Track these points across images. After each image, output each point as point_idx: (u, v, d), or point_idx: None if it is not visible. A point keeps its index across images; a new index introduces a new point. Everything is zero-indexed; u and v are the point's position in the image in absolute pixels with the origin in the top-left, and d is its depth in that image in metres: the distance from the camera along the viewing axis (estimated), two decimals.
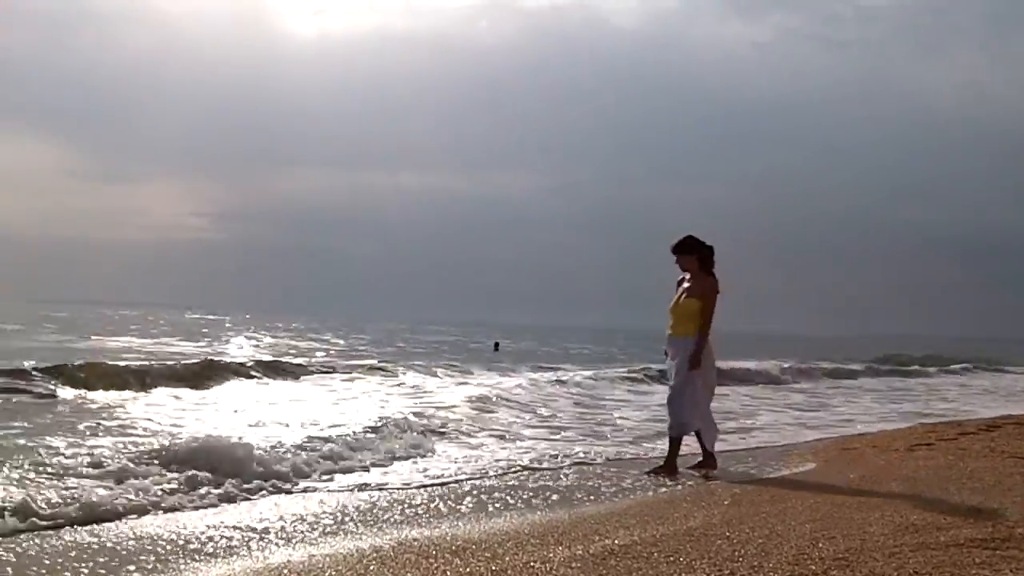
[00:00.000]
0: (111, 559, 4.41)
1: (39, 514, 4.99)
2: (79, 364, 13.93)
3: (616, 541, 4.73)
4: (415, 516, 5.59)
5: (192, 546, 4.70)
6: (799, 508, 5.70)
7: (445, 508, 5.87)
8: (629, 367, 20.88)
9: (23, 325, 40.09)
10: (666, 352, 7.83)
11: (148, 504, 5.49)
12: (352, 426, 9.02)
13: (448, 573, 4.14)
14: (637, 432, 10.44)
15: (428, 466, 7.59)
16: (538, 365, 21.83)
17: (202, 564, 4.41)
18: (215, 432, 7.90)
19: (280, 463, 6.79)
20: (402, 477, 7.05)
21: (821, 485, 6.83)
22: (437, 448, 8.54)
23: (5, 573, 4.12)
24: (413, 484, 6.75)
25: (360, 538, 4.94)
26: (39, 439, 7.45)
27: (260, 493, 6.15)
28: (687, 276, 7.73)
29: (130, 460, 6.44)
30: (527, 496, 6.40)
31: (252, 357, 20.03)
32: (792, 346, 49.65)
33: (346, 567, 4.27)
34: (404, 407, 11.47)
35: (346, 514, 5.59)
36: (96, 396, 11.72)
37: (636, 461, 8.20)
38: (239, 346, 32.67)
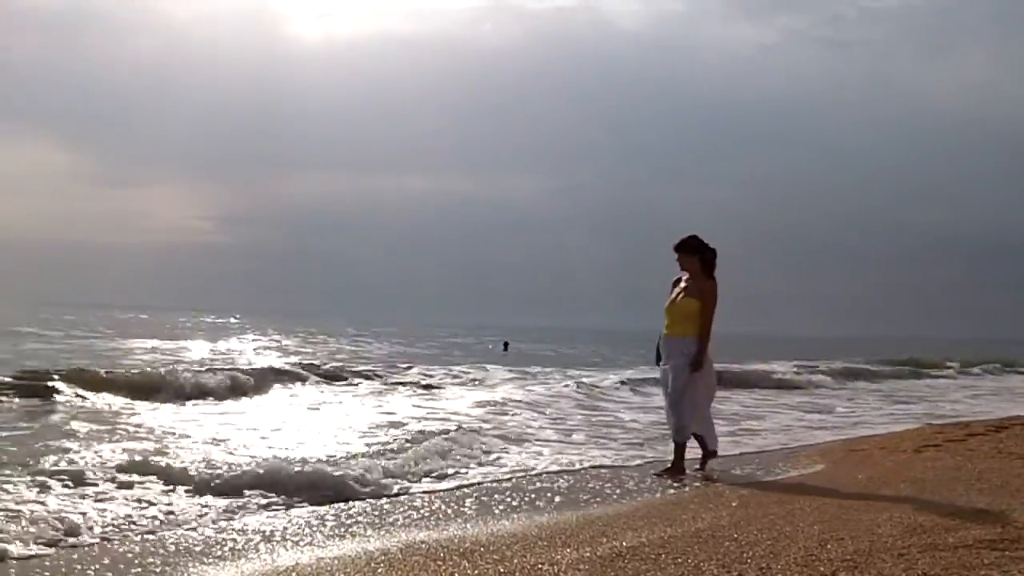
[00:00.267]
0: None
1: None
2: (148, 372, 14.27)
3: (624, 543, 4.73)
4: (449, 516, 5.60)
5: (198, 548, 4.72)
6: (807, 510, 5.69)
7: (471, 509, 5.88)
8: (636, 368, 20.92)
9: (47, 328, 40.04)
10: (658, 353, 7.74)
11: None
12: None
13: (456, 575, 4.14)
14: (645, 434, 10.42)
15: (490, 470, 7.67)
16: (548, 369, 21.66)
17: (210, 568, 4.42)
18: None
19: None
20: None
21: (829, 486, 6.81)
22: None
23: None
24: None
25: (367, 540, 4.95)
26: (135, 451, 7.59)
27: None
28: (685, 277, 7.63)
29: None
30: (531, 498, 6.41)
31: (309, 364, 19.59)
32: (799, 348, 49.51)
33: (354, 569, 4.28)
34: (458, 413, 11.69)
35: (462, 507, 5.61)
36: (187, 411, 11.78)
37: (643, 463, 8.19)
38: (283, 351, 31.29)
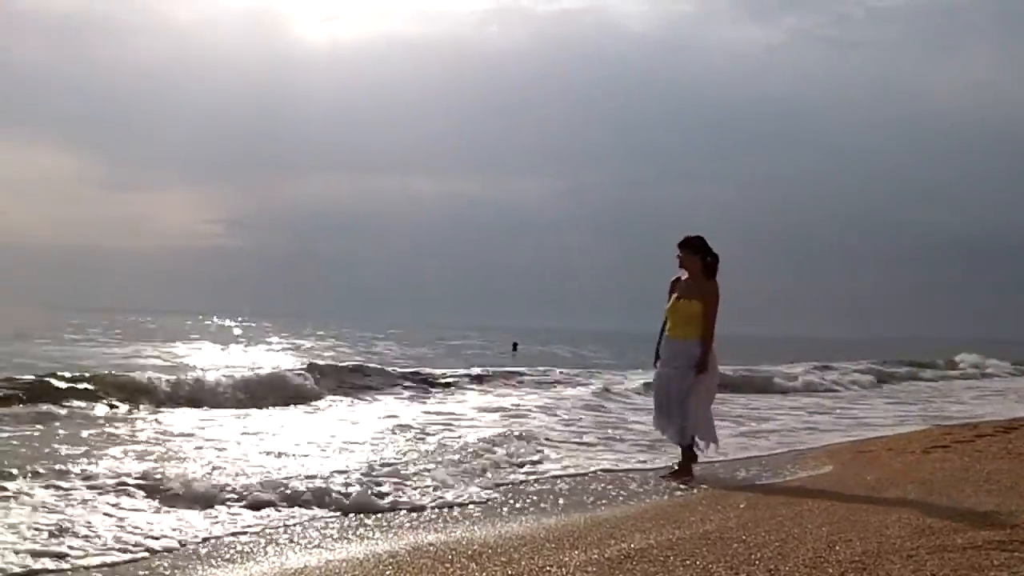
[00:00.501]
0: None
1: None
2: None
3: (632, 545, 4.73)
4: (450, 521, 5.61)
5: (203, 550, 4.74)
6: (815, 511, 5.68)
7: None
8: (645, 370, 20.88)
9: (81, 332, 40.13)
10: (657, 355, 7.68)
11: None
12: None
13: None
14: (653, 436, 10.39)
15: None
16: (559, 371, 21.48)
17: (219, 570, 4.43)
18: None
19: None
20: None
21: (837, 488, 6.80)
22: None
23: None
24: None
25: (375, 543, 4.95)
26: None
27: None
28: (684, 276, 7.58)
29: None
30: (538, 500, 6.41)
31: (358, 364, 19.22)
32: (803, 348, 49.37)
33: (362, 572, 4.29)
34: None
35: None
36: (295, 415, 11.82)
37: (652, 465, 8.17)
38: (313, 355, 30.97)
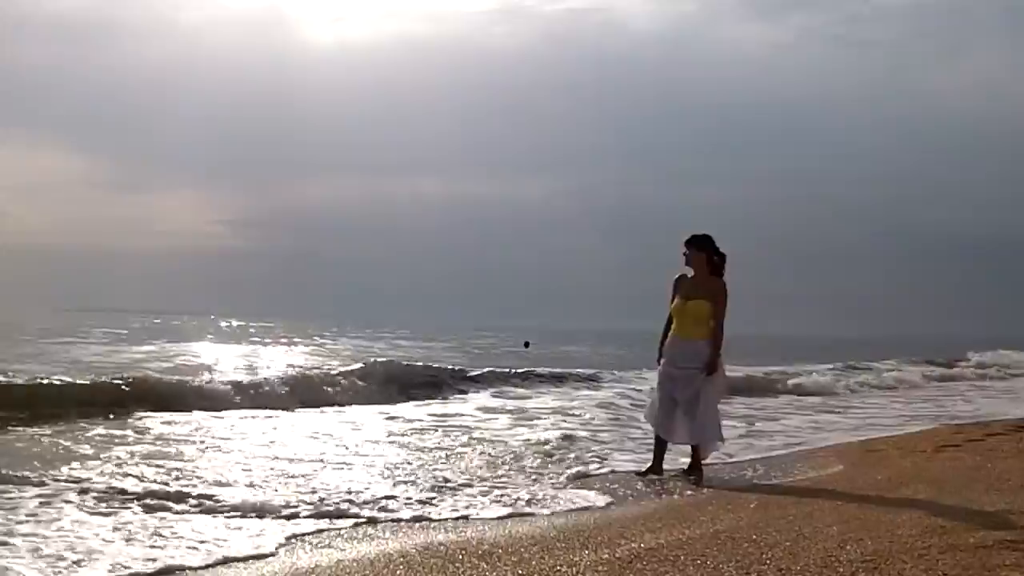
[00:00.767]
0: None
1: None
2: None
3: (642, 544, 4.73)
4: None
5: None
6: (826, 511, 5.67)
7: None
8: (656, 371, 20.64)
9: (123, 332, 40.17)
10: (660, 354, 7.62)
11: None
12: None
13: None
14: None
15: None
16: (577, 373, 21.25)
17: (229, 569, 4.45)
18: None
19: None
20: None
21: (847, 487, 6.79)
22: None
23: None
24: None
25: (385, 543, 4.96)
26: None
27: None
28: (689, 275, 7.53)
29: None
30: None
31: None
32: (809, 348, 49.07)
33: (373, 571, 4.30)
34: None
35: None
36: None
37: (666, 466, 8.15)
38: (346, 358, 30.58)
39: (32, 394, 10.99)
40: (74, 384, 11.94)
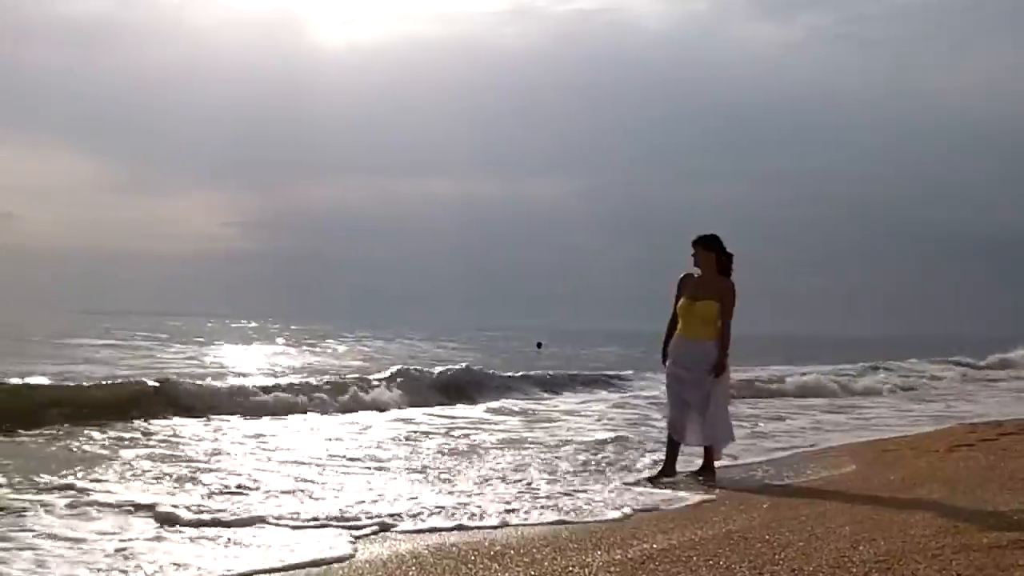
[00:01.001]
0: None
1: None
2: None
3: (655, 545, 4.73)
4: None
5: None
6: (838, 511, 5.66)
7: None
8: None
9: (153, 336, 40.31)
10: (665, 354, 7.56)
11: None
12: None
13: None
14: None
15: None
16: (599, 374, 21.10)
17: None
18: None
19: None
20: None
21: (860, 487, 6.77)
22: None
23: None
24: None
25: (398, 543, 4.97)
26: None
27: None
28: (696, 275, 7.45)
29: None
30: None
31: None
32: (819, 347, 48.95)
33: (385, 572, 4.31)
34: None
35: None
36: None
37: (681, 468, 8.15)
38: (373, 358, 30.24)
39: (92, 397, 11.06)
40: (124, 385, 12.07)
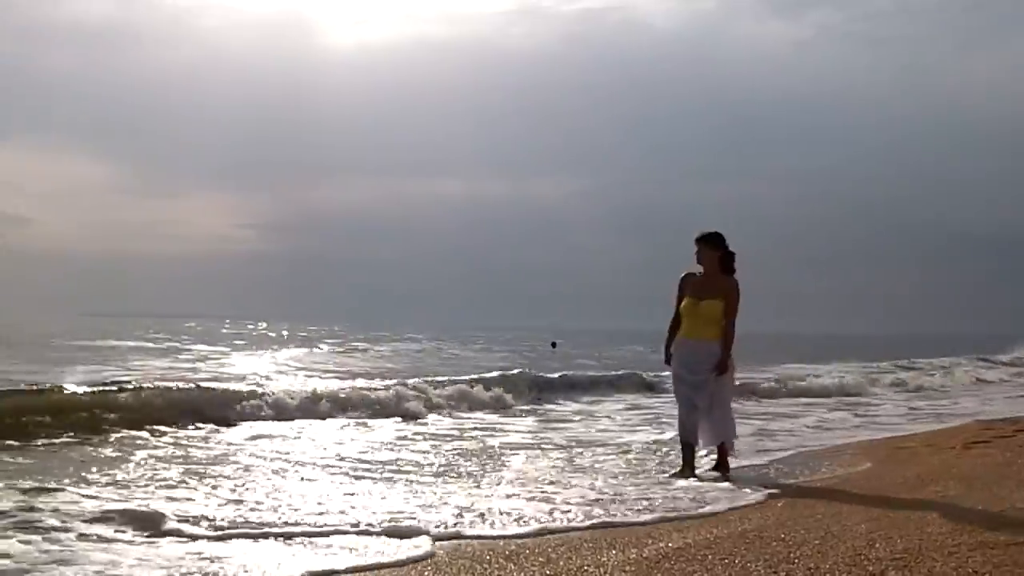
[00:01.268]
0: None
1: None
2: None
3: (670, 544, 4.73)
4: None
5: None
6: (854, 508, 5.64)
7: None
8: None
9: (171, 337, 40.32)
10: (667, 355, 7.51)
11: None
12: None
13: None
14: None
15: None
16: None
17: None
18: None
19: None
20: None
21: (876, 485, 6.75)
22: None
23: None
24: None
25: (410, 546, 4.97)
26: None
27: None
28: (699, 274, 7.39)
29: None
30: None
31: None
32: (829, 346, 48.62)
33: (400, 573, 4.32)
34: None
35: None
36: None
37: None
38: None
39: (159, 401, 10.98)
40: (191, 391, 11.88)
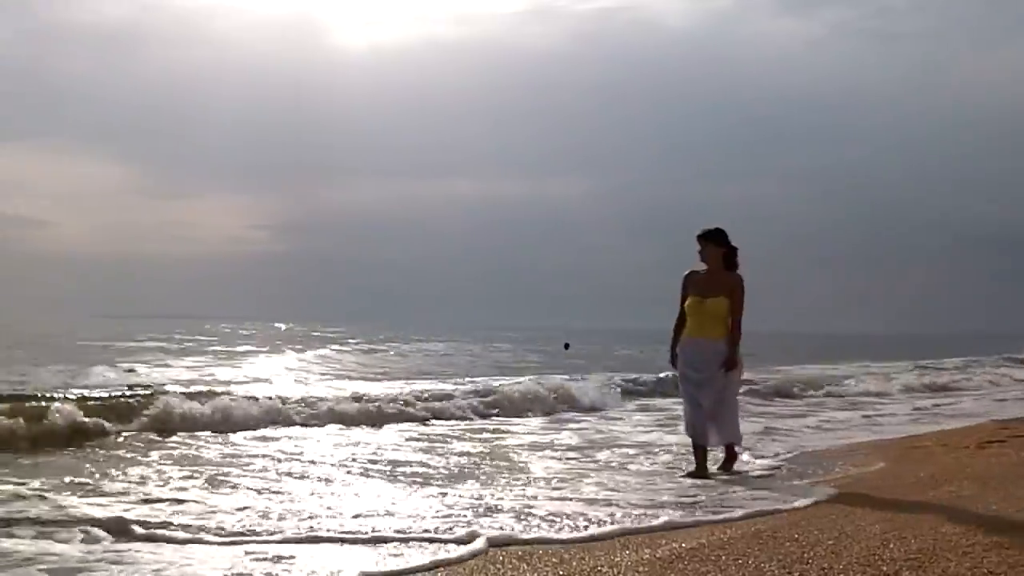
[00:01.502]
0: None
1: None
2: None
3: (683, 544, 4.72)
4: None
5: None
6: (868, 508, 5.62)
7: None
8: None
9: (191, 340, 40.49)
10: (673, 354, 7.44)
11: None
12: None
13: None
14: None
15: None
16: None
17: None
18: None
19: None
20: None
21: (890, 484, 6.72)
22: None
23: None
24: None
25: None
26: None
27: None
28: (702, 271, 7.35)
29: None
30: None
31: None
32: (844, 346, 48.43)
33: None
34: None
35: None
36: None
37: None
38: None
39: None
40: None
